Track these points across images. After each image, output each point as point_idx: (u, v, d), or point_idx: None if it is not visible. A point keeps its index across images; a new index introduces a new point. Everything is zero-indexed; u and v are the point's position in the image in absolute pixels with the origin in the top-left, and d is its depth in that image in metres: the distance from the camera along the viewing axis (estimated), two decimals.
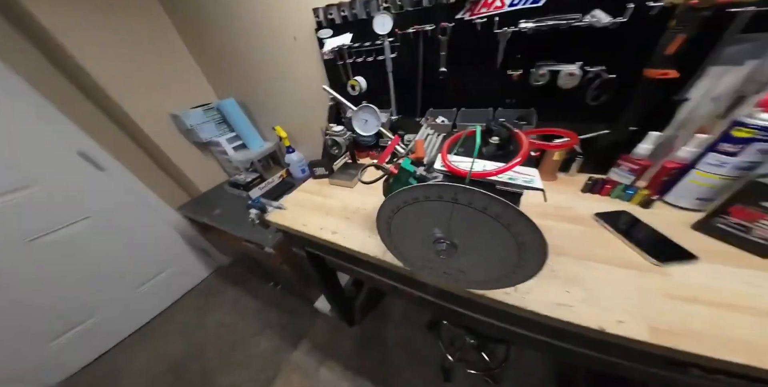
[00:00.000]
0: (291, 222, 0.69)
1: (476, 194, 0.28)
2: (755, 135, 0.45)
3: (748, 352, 0.33)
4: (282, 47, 1.05)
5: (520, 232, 0.29)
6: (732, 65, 0.47)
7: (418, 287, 0.63)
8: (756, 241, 0.45)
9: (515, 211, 0.28)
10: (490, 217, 0.30)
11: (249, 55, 1.17)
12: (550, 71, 0.57)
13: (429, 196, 0.32)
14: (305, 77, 1.10)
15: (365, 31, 0.77)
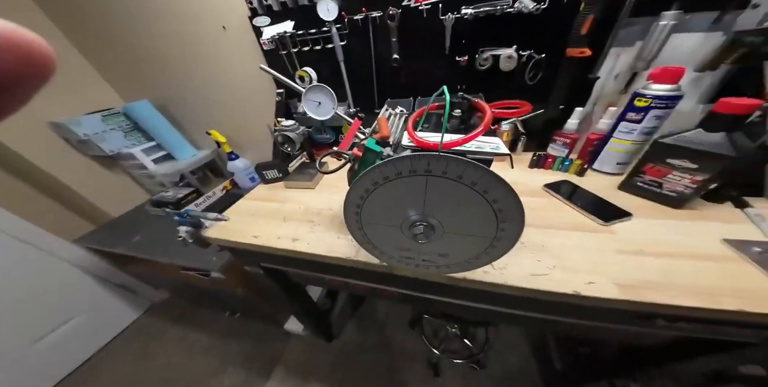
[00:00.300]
0: (238, 235, 0.58)
1: (450, 161, 0.26)
2: (651, 103, 0.53)
3: (698, 295, 0.36)
4: (209, 39, 0.93)
5: (496, 199, 0.28)
6: (626, 46, 0.56)
7: (397, 283, 0.59)
8: (668, 194, 0.54)
9: (490, 175, 0.26)
10: (466, 185, 0.28)
11: (168, 50, 1.00)
12: (492, 55, 0.60)
13: (401, 172, 0.28)
14: (243, 71, 0.98)
15: (309, 17, 0.72)
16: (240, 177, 1.14)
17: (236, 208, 0.70)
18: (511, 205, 0.28)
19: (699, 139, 0.47)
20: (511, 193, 0.27)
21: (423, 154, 0.26)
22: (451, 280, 0.45)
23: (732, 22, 0.47)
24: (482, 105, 0.32)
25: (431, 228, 0.34)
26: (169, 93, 1.14)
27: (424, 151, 0.29)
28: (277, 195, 0.74)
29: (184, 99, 1.15)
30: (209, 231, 0.60)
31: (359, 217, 0.36)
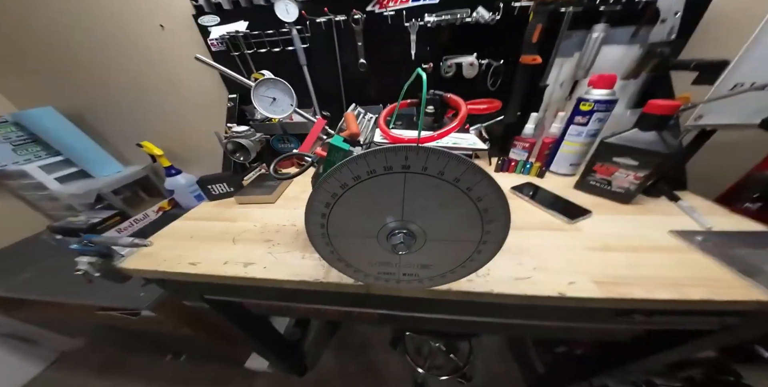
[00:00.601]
0: (169, 264, 0.46)
1: (431, 154, 0.22)
2: (594, 107, 0.59)
3: (667, 287, 0.37)
4: (143, 39, 0.81)
5: (481, 196, 0.25)
6: (567, 57, 0.62)
7: (375, 304, 0.52)
8: (617, 191, 0.58)
9: (475, 169, 0.23)
10: (449, 182, 0.24)
11: (86, 50, 0.84)
12: (456, 63, 0.62)
13: (374, 170, 0.24)
14: (187, 75, 0.87)
15: (266, 18, 0.67)
16: (182, 195, 0.97)
17: (169, 231, 0.57)
18: (496, 202, 0.25)
19: (636, 137, 0.53)
20: (496, 189, 0.24)
21: (400, 146, 0.22)
22: (435, 294, 0.41)
23: (647, 36, 0.55)
24: (456, 100, 0.30)
25: (412, 236, 0.29)
26: (86, 100, 0.96)
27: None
28: (225, 213, 0.63)
29: (108, 107, 0.98)
30: (127, 261, 0.47)
31: (326, 230, 0.30)
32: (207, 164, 1.06)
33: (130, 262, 0.47)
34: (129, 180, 0.98)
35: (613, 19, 0.55)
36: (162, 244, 0.50)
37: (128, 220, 0.87)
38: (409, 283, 0.36)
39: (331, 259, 0.34)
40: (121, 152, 1.05)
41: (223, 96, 0.86)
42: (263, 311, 0.67)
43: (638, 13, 0.55)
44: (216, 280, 0.45)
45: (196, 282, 0.47)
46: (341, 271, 0.36)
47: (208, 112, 0.93)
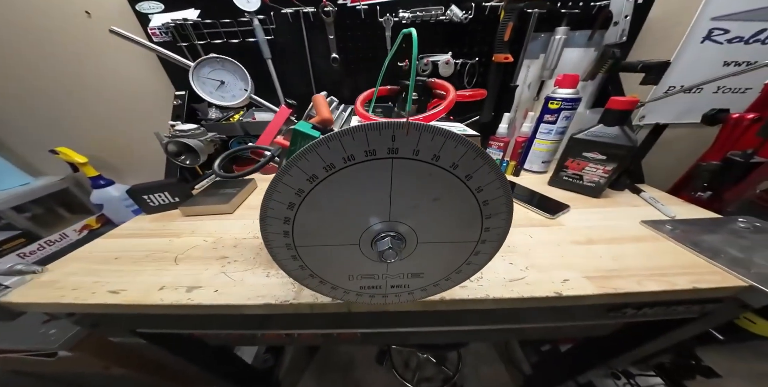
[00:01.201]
0: (78, 294, 0.35)
1: (424, 132, 0.18)
2: (561, 105, 0.61)
3: (654, 278, 0.36)
4: (63, 27, 0.67)
5: (481, 186, 0.21)
6: (533, 59, 0.64)
7: (356, 322, 0.46)
8: (588, 185, 0.59)
9: (476, 150, 0.19)
10: (445, 169, 0.20)
11: None
12: (432, 62, 0.60)
13: (353, 156, 0.18)
14: (122, 68, 0.74)
15: (222, 6, 0.59)
16: (115, 210, 0.82)
17: (84, 252, 0.45)
18: (498, 193, 0.22)
19: (602, 132, 0.55)
20: (500, 176, 0.21)
21: (385, 122, 0.17)
22: (426, 306, 0.36)
23: (601, 40, 0.59)
24: (443, 84, 0.27)
25: (401, 240, 0.24)
26: None
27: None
28: (167, 228, 0.52)
29: (16, 108, 0.79)
30: (15, 294, 0.34)
31: (291, 239, 0.23)
32: (149, 173, 0.90)
33: (19, 295, 0.34)
34: (39, 194, 0.79)
35: (572, 21, 0.59)
36: (70, 270, 0.38)
37: (37, 243, 0.69)
38: (398, 296, 0.31)
39: (300, 276, 0.27)
40: (32, 162, 0.85)
41: (169, 94, 0.75)
42: (222, 341, 0.56)
43: (594, 17, 0.59)
44: (148, 310, 0.35)
45: (120, 314, 0.36)
46: (315, 289, 0.29)
47: (149, 112, 0.80)
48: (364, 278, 0.28)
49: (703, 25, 0.65)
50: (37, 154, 0.83)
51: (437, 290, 0.31)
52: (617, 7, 0.54)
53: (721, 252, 0.40)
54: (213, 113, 0.72)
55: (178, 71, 0.71)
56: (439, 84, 0.29)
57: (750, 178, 0.51)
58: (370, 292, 0.30)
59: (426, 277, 0.29)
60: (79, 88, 0.78)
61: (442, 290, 0.31)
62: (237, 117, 0.70)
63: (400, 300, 0.32)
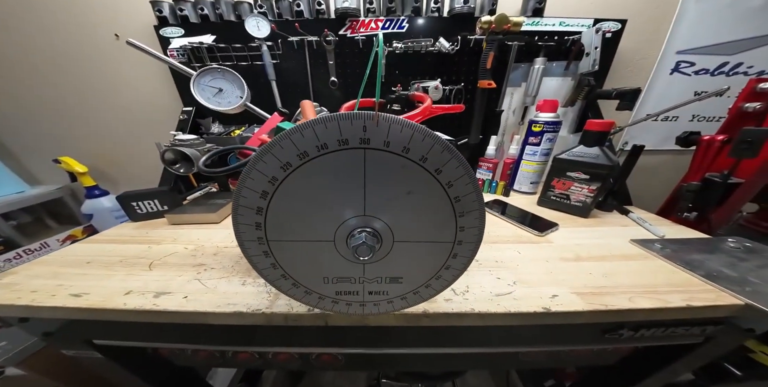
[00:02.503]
0: (36, 296, 0.33)
1: (393, 123, 0.19)
2: (544, 127, 0.64)
3: (646, 295, 0.35)
4: (93, 47, 0.74)
5: (451, 181, 0.21)
6: (516, 86, 0.70)
7: (337, 341, 0.42)
8: (575, 204, 0.60)
9: (441, 144, 0.20)
10: (415, 162, 0.20)
11: (15, 54, 0.74)
12: (423, 87, 0.66)
13: (326, 144, 0.19)
14: (137, 85, 0.80)
15: (235, 33, 0.67)
16: (103, 221, 0.80)
17: (56, 256, 0.43)
18: (467, 188, 0.22)
19: (583, 152, 0.57)
20: (467, 171, 0.21)
21: (355, 113, 0.18)
22: (409, 319, 0.34)
23: (576, 69, 0.64)
24: (421, 95, 0.29)
25: (376, 236, 0.24)
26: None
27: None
28: (149, 235, 0.51)
29: (26, 117, 0.83)
30: None
31: (263, 232, 0.23)
32: (145, 186, 0.91)
33: None
34: (31, 202, 0.78)
35: (549, 53, 0.65)
36: (35, 272, 0.37)
37: (15, 251, 0.66)
38: (377, 306, 0.29)
39: (272, 277, 0.26)
40: (31, 170, 0.86)
41: (177, 109, 0.79)
42: (189, 361, 0.51)
43: (567, 49, 0.66)
44: (109, 316, 0.32)
45: (81, 320, 0.33)
46: (287, 292, 0.28)
47: (155, 127, 0.84)
48: (340, 281, 0.27)
49: (670, 58, 0.72)
50: (38, 163, 0.85)
51: (418, 299, 0.30)
52: (587, 40, 0.61)
53: (714, 271, 0.39)
54: (216, 128, 0.75)
55: (188, 88, 0.76)
56: (418, 96, 0.31)
57: (732, 199, 0.52)
58: (347, 298, 0.29)
59: (405, 282, 0.28)
60: (90, 99, 0.82)
61: (423, 299, 0.30)
62: (237, 132, 0.73)
63: (380, 310, 0.30)
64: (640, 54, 0.74)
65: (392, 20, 0.70)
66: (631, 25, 0.69)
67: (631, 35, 0.70)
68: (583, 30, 0.67)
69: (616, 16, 0.69)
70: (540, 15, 0.68)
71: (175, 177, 0.67)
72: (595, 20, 0.68)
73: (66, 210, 0.86)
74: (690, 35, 0.71)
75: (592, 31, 0.61)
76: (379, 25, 0.70)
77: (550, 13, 0.69)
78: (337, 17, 0.69)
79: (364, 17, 0.70)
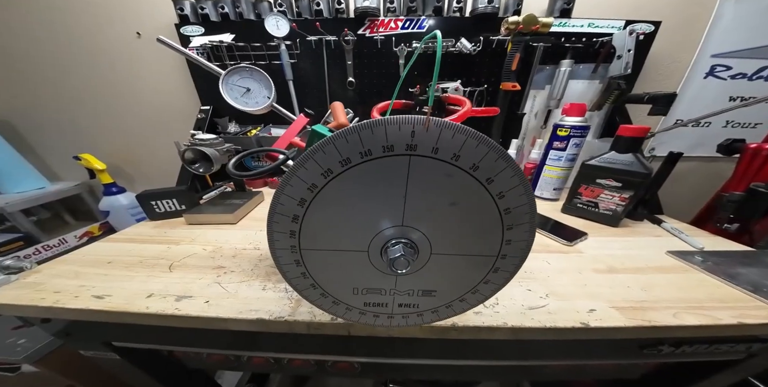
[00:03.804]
0: (59, 297, 0.33)
1: (445, 129, 0.17)
2: (570, 132, 0.62)
3: (694, 311, 0.33)
4: (114, 45, 0.75)
5: (503, 191, 0.20)
6: (539, 89, 0.67)
7: (355, 349, 0.41)
8: (604, 213, 0.57)
9: (497, 151, 0.18)
10: (465, 171, 0.19)
11: (39, 53, 0.76)
12: (442, 88, 0.64)
13: (370, 150, 0.18)
14: (155, 83, 0.81)
15: (255, 32, 0.67)
16: (120, 218, 0.81)
17: (78, 255, 0.43)
18: (521, 200, 0.20)
19: (615, 159, 0.54)
20: (523, 180, 0.19)
21: (406, 117, 0.17)
22: (436, 332, 0.32)
23: (605, 73, 0.62)
24: (458, 98, 0.27)
25: (414, 248, 0.22)
26: (17, 105, 0.83)
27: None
28: (167, 235, 0.51)
29: (48, 115, 0.85)
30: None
31: (297, 240, 0.22)
32: (161, 184, 0.92)
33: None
34: (51, 198, 0.79)
35: (576, 55, 0.63)
36: (57, 272, 0.37)
37: (34, 247, 0.67)
38: (406, 318, 0.28)
39: (301, 286, 0.25)
40: (51, 166, 0.88)
41: (195, 109, 0.79)
42: (202, 364, 0.51)
43: (596, 51, 0.63)
44: (131, 319, 0.32)
45: (101, 322, 0.33)
46: (315, 302, 0.26)
47: (172, 125, 0.85)
48: (370, 293, 0.26)
49: (705, 61, 0.68)
50: (59, 159, 0.87)
51: (449, 313, 0.28)
52: (619, 42, 0.58)
53: (764, 286, 0.37)
54: (232, 128, 0.75)
55: (206, 87, 0.76)
56: (454, 98, 0.30)
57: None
58: (375, 310, 0.27)
59: (438, 295, 0.26)
60: (109, 97, 0.84)
61: (455, 313, 0.28)
62: (254, 132, 0.73)
63: (408, 322, 0.29)
64: (671, 57, 0.71)
65: (412, 20, 0.68)
66: (665, 27, 0.66)
67: (663, 37, 0.67)
68: (613, 32, 0.64)
69: (647, 18, 0.66)
70: (568, 16, 0.66)
71: (192, 176, 0.67)
72: (627, 22, 0.65)
73: (84, 206, 0.87)
74: (727, 38, 0.68)
75: (626, 32, 0.59)
76: (398, 25, 0.69)
77: (578, 14, 0.66)
78: (356, 16, 0.68)
79: (384, 17, 0.69)
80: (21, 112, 0.81)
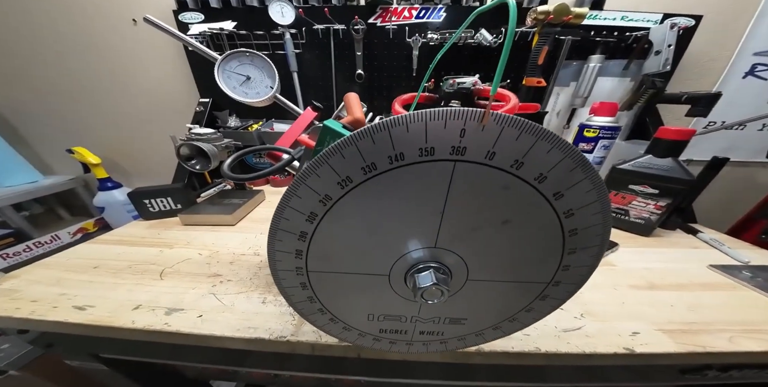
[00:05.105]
0: (36, 307, 0.29)
1: (508, 127, 0.13)
2: (599, 133, 0.57)
3: (752, 335, 0.29)
4: (107, 33, 0.71)
5: (573, 209, 0.15)
6: (563, 86, 0.62)
7: (360, 369, 0.38)
8: (635, 221, 0.52)
9: (575, 157, 0.14)
10: (527, 183, 0.14)
11: (28, 42, 0.72)
12: (458, 82, 0.59)
13: (402, 154, 0.14)
14: (153, 73, 0.76)
15: (258, 20, 0.62)
16: (115, 214, 0.78)
17: (60, 258, 0.39)
18: (594, 220, 0.16)
19: (652, 164, 0.49)
20: (601, 196, 0.15)
21: (457, 110, 0.13)
22: (458, 357, 0.28)
23: (637, 70, 0.57)
24: (500, 92, 0.23)
25: (447, 274, 0.18)
26: (9, 96, 0.79)
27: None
28: (161, 236, 0.47)
29: (40, 106, 0.81)
30: None
31: (304, 261, 0.18)
32: (159, 180, 0.88)
33: None
34: (44, 193, 0.76)
35: (607, 50, 0.57)
36: (37, 277, 0.33)
37: (25, 244, 0.64)
38: (426, 345, 0.24)
39: (307, 311, 0.21)
40: (45, 159, 0.84)
41: (194, 101, 0.75)
42: (200, 375, 0.48)
43: (629, 46, 0.58)
44: (115, 334, 0.28)
45: (82, 336, 0.30)
46: (322, 328, 0.22)
47: (170, 118, 0.81)
48: (387, 319, 0.22)
49: (746, 59, 0.63)
50: (52, 152, 0.84)
51: (479, 341, 0.24)
52: (658, 36, 0.53)
53: None
54: (232, 122, 0.71)
55: (205, 77, 0.72)
56: (487, 91, 0.25)
57: None
58: (392, 337, 0.23)
59: (468, 324, 0.22)
60: (105, 87, 0.80)
61: (485, 341, 0.24)
62: (255, 126, 0.69)
63: (428, 349, 0.25)
64: (709, 55, 0.65)
65: (428, 9, 0.63)
66: (706, 21, 0.60)
67: (703, 33, 0.61)
68: (649, 26, 0.59)
69: (688, 12, 0.60)
70: (599, 8, 0.60)
71: (189, 173, 0.63)
72: (665, 15, 0.59)
73: (78, 201, 0.84)
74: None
75: (666, 26, 0.53)
76: (413, 14, 0.64)
77: (610, 7, 0.61)
78: (367, 4, 0.63)
79: (397, 5, 0.64)
80: (12, 103, 0.77)
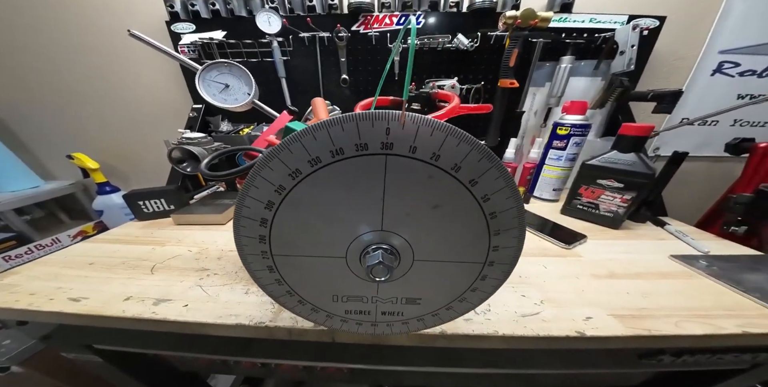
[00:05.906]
0: (34, 299, 0.32)
1: (423, 126, 0.15)
2: (571, 131, 0.60)
3: (697, 319, 0.32)
4: (104, 42, 0.74)
5: (488, 194, 0.18)
6: (539, 86, 0.65)
7: (342, 356, 0.40)
8: (605, 215, 0.55)
9: (481, 150, 0.16)
10: (446, 171, 0.17)
11: (30, 48, 0.75)
12: (438, 85, 0.62)
13: (341, 149, 0.16)
14: (147, 81, 0.79)
15: (246, 29, 0.65)
16: (114, 217, 0.81)
17: (59, 256, 0.42)
18: (508, 203, 0.19)
19: (617, 158, 0.52)
20: (509, 183, 0.18)
21: (380, 112, 0.15)
22: (423, 340, 0.31)
23: (607, 69, 0.60)
24: (447, 94, 0.26)
25: (395, 254, 0.21)
26: (10, 101, 0.82)
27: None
28: (154, 236, 0.50)
29: (41, 111, 0.84)
30: None
31: (268, 246, 0.20)
32: (156, 183, 0.91)
33: None
34: (45, 197, 0.79)
35: (577, 51, 0.61)
36: (36, 273, 0.36)
37: (26, 246, 0.67)
38: (390, 326, 0.26)
39: (276, 293, 0.24)
40: (45, 164, 0.87)
41: (187, 107, 0.78)
42: (192, 367, 0.50)
43: (598, 47, 0.61)
44: (107, 323, 0.31)
45: (81, 325, 0.32)
46: (293, 309, 0.25)
47: (165, 123, 0.84)
48: (350, 300, 0.25)
49: (712, 58, 0.66)
50: (53, 158, 0.86)
51: (436, 321, 0.27)
52: (622, 37, 0.56)
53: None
54: (225, 126, 0.74)
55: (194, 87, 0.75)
56: (443, 94, 0.28)
57: None
58: (358, 318, 0.26)
59: (423, 304, 0.25)
60: (103, 95, 0.83)
61: (443, 322, 0.27)
62: (246, 130, 0.72)
63: (393, 330, 0.27)
64: (676, 54, 0.68)
65: (407, 15, 0.67)
66: (670, 21, 0.63)
67: (668, 33, 0.64)
68: (615, 27, 0.62)
69: (652, 13, 0.63)
70: (568, 11, 0.64)
71: (183, 176, 0.66)
72: (630, 16, 0.62)
73: (78, 205, 0.87)
74: (736, 34, 0.65)
75: (629, 28, 0.56)
76: (393, 21, 0.67)
77: (579, 9, 0.64)
78: (350, 12, 0.66)
79: (378, 12, 0.67)
80: (13, 109, 0.81)
